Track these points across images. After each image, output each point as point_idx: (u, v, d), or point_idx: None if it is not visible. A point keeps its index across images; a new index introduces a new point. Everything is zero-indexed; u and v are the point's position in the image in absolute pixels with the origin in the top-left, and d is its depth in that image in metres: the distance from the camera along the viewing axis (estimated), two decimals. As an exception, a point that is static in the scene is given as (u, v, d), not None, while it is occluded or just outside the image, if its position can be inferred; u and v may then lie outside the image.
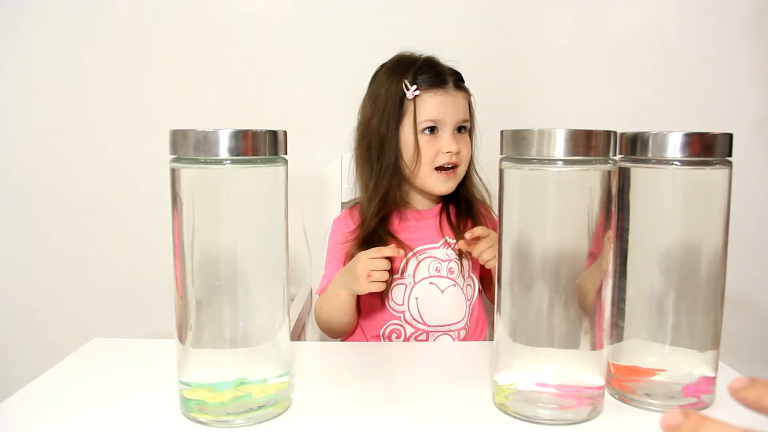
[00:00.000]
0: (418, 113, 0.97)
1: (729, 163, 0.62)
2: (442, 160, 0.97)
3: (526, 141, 0.57)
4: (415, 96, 0.97)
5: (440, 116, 0.97)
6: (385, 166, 0.99)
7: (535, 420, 0.59)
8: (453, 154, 0.97)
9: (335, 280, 0.95)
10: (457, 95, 0.99)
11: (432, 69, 0.99)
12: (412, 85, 0.97)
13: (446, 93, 0.98)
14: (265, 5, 1.40)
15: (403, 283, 0.99)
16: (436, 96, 0.97)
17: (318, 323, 1.02)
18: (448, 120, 0.97)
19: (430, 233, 1.02)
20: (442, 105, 0.97)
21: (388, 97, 0.99)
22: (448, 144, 0.97)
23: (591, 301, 0.59)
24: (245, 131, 0.56)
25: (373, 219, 0.99)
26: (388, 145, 0.98)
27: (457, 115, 0.98)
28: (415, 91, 0.97)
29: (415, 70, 0.99)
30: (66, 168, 1.42)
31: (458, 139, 0.99)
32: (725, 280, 0.63)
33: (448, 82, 0.99)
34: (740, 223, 0.79)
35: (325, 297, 0.98)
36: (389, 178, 0.99)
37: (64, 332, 1.34)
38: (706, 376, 0.63)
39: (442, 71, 1.00)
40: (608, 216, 0.58)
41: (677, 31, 1.39)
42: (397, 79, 0.99)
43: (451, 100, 0.98)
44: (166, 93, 1.39)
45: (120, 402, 0.64)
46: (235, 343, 0.59)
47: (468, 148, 1.01)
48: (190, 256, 0.58)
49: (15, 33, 1.38)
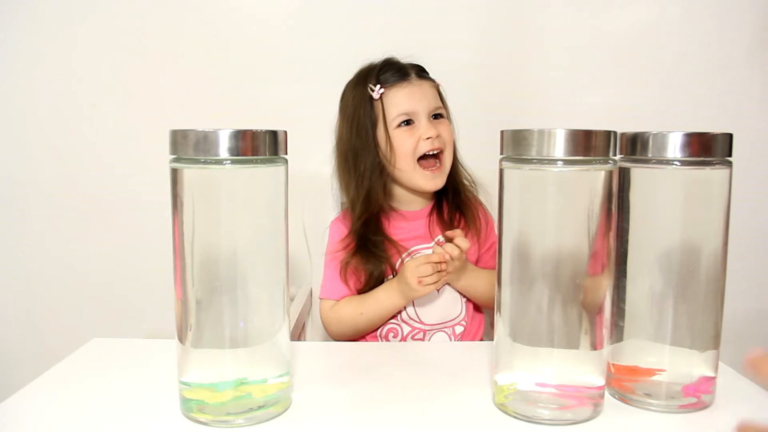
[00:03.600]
0: (388, 110, 0.98)
1: (729, 163, 0.62)
2: (424, 147, 0.97)
3: (526, 141, 0.57)
4: (381, 95, 0.98)
5: (412, 107, 0.98)
6: (363, 169, 1.00)
7: (535, 420, 0.59)
8: (434, 139, 0.97)
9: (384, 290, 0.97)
10: (422, 84, 1.00)
11: (392, 66, 1.01)
12: (376, 85, 0.98)
13: (411, 84, 0.99)
14: (265, 5, 1.39)
15: None
16: (402, 89, 0.99)
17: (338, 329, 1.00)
18: (420, 109, 0.98)
19: (421, 233, 1.02)
20: (410, 96, 0.98)
21: (355, 107, 1.00)
22: (427, 130, 0.97)
23: (596, 308, 0.59)
24: (245, 131, 0.56)
25: (359, 222, 0.99)
26: (364, 151, 0.99)
27: (429, 103, 0.99)
28: (380, 90, 0.98)
29: (376, 72, 1.00)
30: (66, 168, 1.42)
31: (436, 125, 0.99)
32: (725, 280, 0.63)
33: (410, 74, 1.00)
34: (740, 223, 0.79)
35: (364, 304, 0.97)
36: (369, 178, 0.99)
37: (64, 332, 1.35)
38: (706, 376, 0.63)
39: (402, 66, 1.01)
40: (608, 216, 0.58)
41: (677, 31, 1.39)
42: (361, 88, 1.01)
43: (418, 90, 0.99)
44: (166, 93, 1.39)
45: (120, 402, 0.64)
46: (235, 343, 0.59)
47: (448, 131, 1.01)
48: (190, 256, 0.58)
49: (14, 33, 1.38)
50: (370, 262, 0.98)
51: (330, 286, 1.01)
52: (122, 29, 1.38)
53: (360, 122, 0.99)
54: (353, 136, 1.00)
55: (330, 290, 1.01)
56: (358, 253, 0.98)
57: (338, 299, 1.00)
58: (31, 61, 1.39)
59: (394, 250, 0.99)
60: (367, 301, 0.97)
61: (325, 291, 1.02)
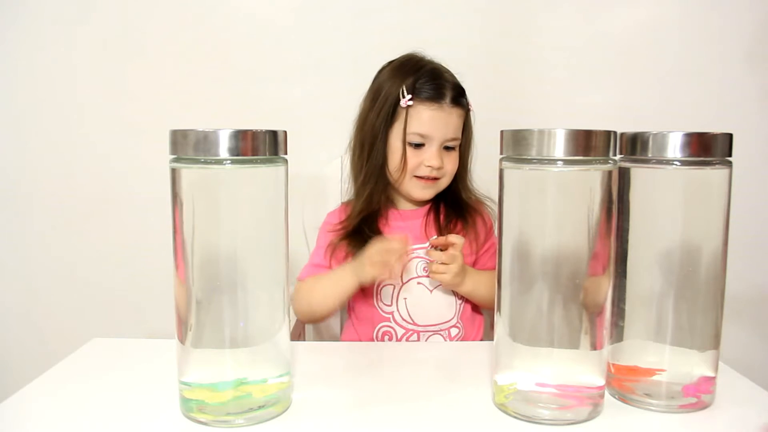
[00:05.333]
0: (408, 123, 0.97)
1: (729, 163, 0.62)
2: (423, 172, 0.98)
3: (526, 141, 0.57)
4: (408, 106, 0.96)
5: (429, 132, 0.96)
6: (371, 167, 0.99)
7: (535, 420, 0.59)
8: (434, 169, 0.97)
9: (342, 266, 0.96)
10: (451, 112, 0.97)
11: (433, 81, 0.98)
12: (408, 94, 0.96)
13: (441, 108, 0.96)
14: (265, 5, 1.39)
15: (391, 284, 0.99)
16: (430, 110, 0.96)
17: (298, 306, 1.00)
18: (436, 137, 0.97)
19: (417, 233, 1.02)
20: (433, 120, 0.96)
21: (387, 97, 0.99)
22: (431, 159, 0.97)
23: (597, 308, 0.59)
24: (245, 131, 0.56)
25: (357, 217, 1.00)
26: (378, 146, 0.99)
27: (446, 134, 0.97)
28: (409, 100, 0.96)
29: (416, 78, 0.97)
30: (66, 168, 1.42)
31: (444, 156, 0.98)
32: (725, 280, 0.63)
33: (446, 98, 0.97)
34: (740, 223, 0.79)
35: (321, 279, 0.98)
36: (375, 180, 1.00)
37: (64, 332, 1.34)
38: (706, 376, 0.63)
39: (442, 85, 0.98)
40: (608, 216, 0.58)
41: (677, 31, 1.39)
42: (399, 80, 0.98)
43: (444, 117, 0.97)
44: (166, 93, 1.39)
45: (120, 402, 0.64)
46: (235, 343, 0.59)
47: (453, 164, 1.00)
48: (190, 256, 0.58)
49: (14, 33, 1.38)
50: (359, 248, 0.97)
51: (305, 268, 1.03)
52: (122, 29, 1.38)
53: (384, 115, 0.98)
54: (376, 122, 0.99)
55: (303, 272, 1.02)
56: (348, 239, 0.99)
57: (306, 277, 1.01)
58: (31, 61, 1.39)
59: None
60: (323, 277, 0.98)
61: (302, 273, 1.03)
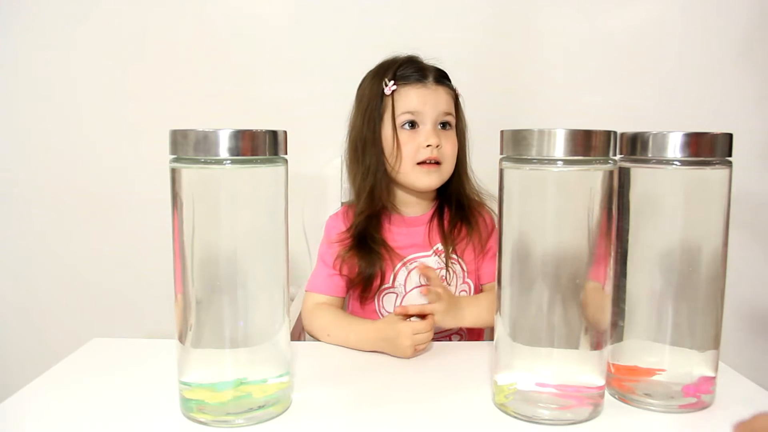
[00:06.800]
0: (396, 107, 0.96)
1: (729, 163, 0.62)
2: (423, 155, 0.95)
3: (526, 141, 0.57)
4: (393, 91, 0.96)
5: (418, 108, 0.95)
6: (369, 164, 0.98)
7: (535, 420, 0.59)
8: (434, 148, 0.94)
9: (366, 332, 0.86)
10: (437, 89, 0.97)
11: (412, 64, 0.99)
12: (390, 81, 0.97)
13: (425, 87, 0.96)
14: (265, 5, 1.40)
15: (394, 293, 0.99)
16: (414, 89, 0.96)
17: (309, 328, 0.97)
18: (427, 113, 0.95)
19: (420, 241, 1.00)
20: (420, 97, 0.96)
21: (369, 98, 0.99)
22: (427, 137, 0.94)
23: (598, 325, 0.59)
24: (245, 131, 0.56)
25: (361, 217, 0.98)
26: (371, 144, 0.98)
27: (437, 108, 0.96)
28: (392, 86, 0.96)
29: (396, 68, 0.98)
30: (66, 168, 1.42)
31: (440, 135, 0.96)
32: (725, 280, 0.63)
33: (428, 77, 0.97)
34: (740, 223, 0.79)
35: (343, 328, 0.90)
36: (374, 175, 0.98)
37: (64, 332, 1.35)
38: (706, 376, 0.63)
39: (423, 67, 0.99)
40: (608, 216, 0.58)
41: (677, 31, 1.39)
42: (378, 80, 0.99)
43: (431, 94, 0.96)
44: (166, 93, 1.39)
45: (120, 402, 0.64)
46: (235, 343, 0.59)
47: (452, 145, 0.98)
48: (190, 256, 0.58)
49: (14, 33, 1.38)
50: (364, 260, 0.96)
51: (316, 279, 1.01)
52: (122, 29, 1.38)
53: (370, 115, 0.98)
54: (364, 127, 0.99)
55: (315, 284, 1.00)
56: (354, 249, 0.98)
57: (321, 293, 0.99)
58: (31, 61, 1.39)
59: (389, 258, 0.98)
60: (339, 327, 0.91)
61: (311, 284, 1.01)
